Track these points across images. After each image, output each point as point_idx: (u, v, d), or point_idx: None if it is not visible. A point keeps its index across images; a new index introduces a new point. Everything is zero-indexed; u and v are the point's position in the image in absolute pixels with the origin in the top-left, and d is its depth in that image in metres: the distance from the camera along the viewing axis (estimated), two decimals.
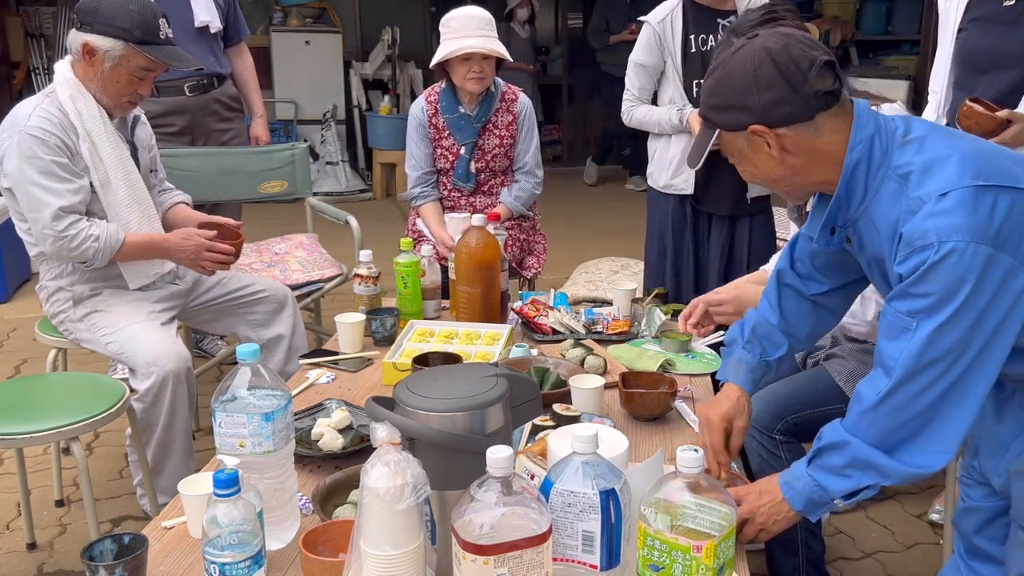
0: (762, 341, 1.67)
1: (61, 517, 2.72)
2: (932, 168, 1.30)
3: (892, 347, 1.31)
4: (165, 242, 2.41)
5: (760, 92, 1.34)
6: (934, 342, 1.27)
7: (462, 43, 2.82)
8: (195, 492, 1.41)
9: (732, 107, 1.37)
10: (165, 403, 2.30)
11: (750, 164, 1.43)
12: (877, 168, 1.35)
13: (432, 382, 1.26)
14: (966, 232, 1.23)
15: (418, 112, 3.03)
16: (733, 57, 1.38)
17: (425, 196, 3.07)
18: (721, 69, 1.39)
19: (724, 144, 1.43)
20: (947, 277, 1.24)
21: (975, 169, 1.27)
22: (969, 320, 1.25)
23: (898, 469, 1.33)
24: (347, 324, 2.23)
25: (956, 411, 1.30)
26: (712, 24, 2.74)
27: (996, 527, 1.60)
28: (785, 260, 1.69)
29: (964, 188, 1.25)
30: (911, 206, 1.29)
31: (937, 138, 1.35)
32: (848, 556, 2.53)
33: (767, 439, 1.91)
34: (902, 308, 1.30)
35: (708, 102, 1.42)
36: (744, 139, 1.38)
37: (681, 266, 2.90)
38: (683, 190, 2.82)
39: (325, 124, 7.52)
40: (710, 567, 1.16)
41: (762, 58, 1.34)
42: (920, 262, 1.25)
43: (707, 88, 1.42)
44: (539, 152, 3.16)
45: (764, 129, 1.35)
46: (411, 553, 1.11)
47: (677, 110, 2.74)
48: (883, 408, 1.32)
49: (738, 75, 1.36)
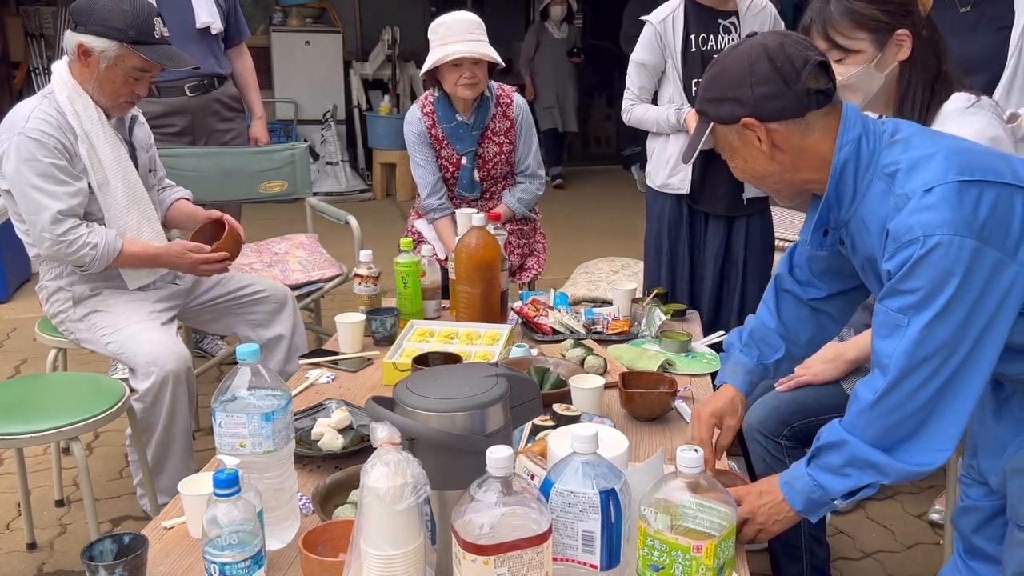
0: (759, 344, 1.67)
1: (61, 517, 2.72)
2: (918, 165, 1.31)
3: (886, 345, 1.32)
4: (159, 258, 2.41)
5: (754, 86, 1.36)
6: (926, 338, 1.27)
7: (451, 48, 2.77)
8: (195, 492, 1.41)
9: (726, 99, 1.39)
10: (165, 403, 2.30)
11: (741, 159, 1.45)
12: (866, 168, 1.36)
13: (432, 382, 1.26)
14: (951, 226, 1.24)
15: (415, 122, 2.98)
16: (731, 53, 1.42)
17: (443, 209, 3.02)
18: (719, 64, 1.43)
19: (717, 139, 1.46)
20: (933, 271, 1.24)
21: (960, 165, 1.28)
22: (960, 314, 1.26)
23: (897, 467, 1.34)
24: (347, 324, 2.23)
25: (952, 408, 1.31)
26: (713, 24, 2.74)
27: (994, 526, 1.60)
28: (784, 266, 1.69)
29: (948, 184, 1.26)
30: (897, 203, 1.30)
31: (923, 137, 1.36)
32: (848, 556, 2.53)
33: (772, 444, 1.91)
34: (893, 305, 1.30)
35: (704, 95, 1.44)
36: (736, 133, 1.41)
37: (676, 266, 2.90)
38: (679, 189, 2.82)
39: (325, 124, 7.52)
40: (710, 567, 1.17)
41: (758, 54, 1.37)
42: (907, 257, 1.26)
43: (705, 82, 1.45)
44: (539, 152, 3.15)
45: (755, 122, 1.37)
46: (411, 553, 1.11)
47: (675, 109, 2.74)
48: (880, 407, 1.33)
49: (734, 69, 1.39)
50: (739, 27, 2.75)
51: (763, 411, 1.92)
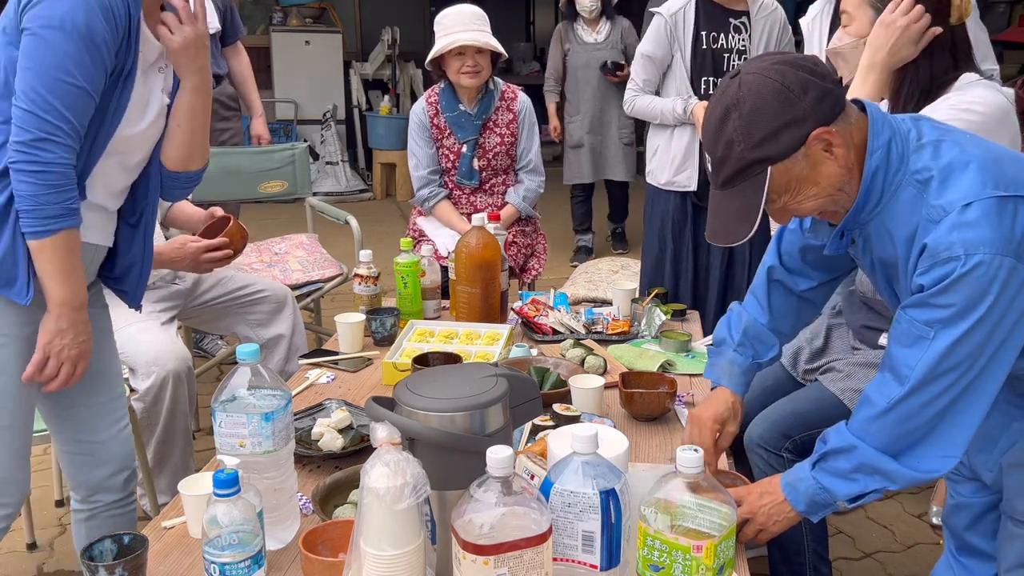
0: (754, 343, 1.67)
1: (61, 517, 2.72)
2: (951, 176, 1.28)
3: (907, 354, 1.30)
4: (158, 256, 2.39)
5: (801, 98, 1.27)
6: (951, 352, 1.26)
7: (454, 37, 2.83)
8: (195, 492, 1.41)
9: (782, 128, 1.27)
10: (165, 403, 2.30)
11: (812, 185, 1.31)
12: (894, 173, 1.33)
13: (432, 382, 1.26)
14: (992, 245, 1.22)
15: (419, 112, 3.04)
16: (742, 91, 1.28)
17: (435, 196, 3.06)
18: (740, 106, 1.28)
19: (776, 185, 1.30)
20: (971, 290, 1.23)
21: (995, 178, 1.26)
22: (986, 330, 1.25)
23: (905, 474, 1.33)
24: (347, 324, 2.23)
25: (964, 416, 1.31)
26: (724, 23, 2.74)
27: (987, 522, 1.60)
28: (774, 256, 1.69)
29: (988, 199, 1.24)
30: (931, 215, 1.28)
31: (951, 143, 1.33)
32: (848, 556, 2.53)
33: (774, 458, 1.90)
34: (920, 317, 1.28)
35: (750, 140, 1.28)
36: (802, 158, 1.29)
37: (680, 264, 2.90)
38: (686, 187, 2.82)
39: (325, 124, 7.52)
40: (710, 567, 1.16)
41: (778, 71, 1.28)
42: (945, 273, 1.24)
43: (741, 129, 1.28)
44: (540, 150, 3.16)
45: (825, 130, 1.27)
46: (411, 553, 1.11)
47: (683, 100, 2.73)
48: (893, 414, 1.32)
49: (767, 96, 1.27)
50: (749, 27, 2.76)
51: (763, 425, 1.91)
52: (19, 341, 1.55)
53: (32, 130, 1.41)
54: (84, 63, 1.43)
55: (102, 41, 1.44)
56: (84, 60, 1.43)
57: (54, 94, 1.41)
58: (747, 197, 1.30)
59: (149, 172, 1.68)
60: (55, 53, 1.41)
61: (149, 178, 1.69)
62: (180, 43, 1.58)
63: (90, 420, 1.75)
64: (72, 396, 1.72)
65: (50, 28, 1.40)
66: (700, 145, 2.77)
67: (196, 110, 1.66)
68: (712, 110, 1.33)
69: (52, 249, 1.47)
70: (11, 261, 1.48)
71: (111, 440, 1.78)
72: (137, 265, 1.74)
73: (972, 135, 1.38)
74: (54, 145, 1.43)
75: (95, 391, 1.74)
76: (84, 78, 1.44)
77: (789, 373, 2.09)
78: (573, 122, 5.28)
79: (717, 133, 1.31)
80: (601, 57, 5.09)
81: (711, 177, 1.37)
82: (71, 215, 1.48)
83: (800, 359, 2.07)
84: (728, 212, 1.34)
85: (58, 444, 1.79)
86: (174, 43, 1.58)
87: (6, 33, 1.46)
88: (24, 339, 1.55)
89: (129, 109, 1.55)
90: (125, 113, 1.54)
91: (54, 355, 1.54)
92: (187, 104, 1.65)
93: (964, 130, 1.41)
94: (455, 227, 3.02)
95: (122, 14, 1.47)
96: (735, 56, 2.75)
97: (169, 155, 1.68)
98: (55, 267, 1.49)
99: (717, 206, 1.36)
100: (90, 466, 1.78)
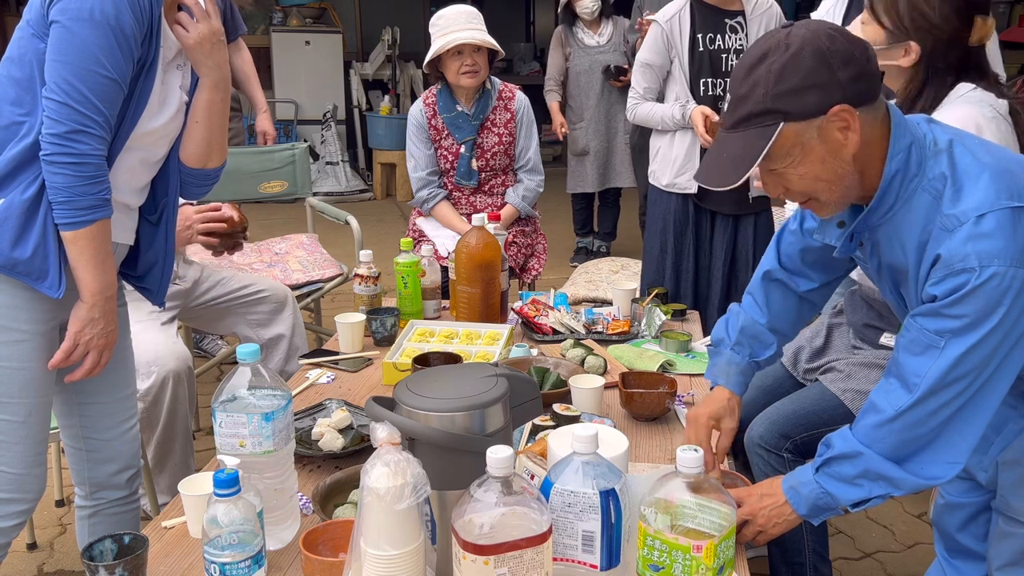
0: (751, 342, 1.67)
1: (61, 517, 2.72)
2: (965, 185, 1.28)
3: (917, 363, 1.30)
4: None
5: (841, 69, 1.22)
6: (961, 362, 1.26)
7: (451, 37, 2.84)
8: (195, 492, 1.41)
9: (810, 87, 1.23)
10: (165, 403, 2.30)
11: (815, 162, 1.28)
12: (912, 178, 1.32)
13: (432, 382, 1.26)
14: (1007, 257, 1.22)
15: (417, 114, 3.04)
16: (789, 39, 1.25)
17: (434, 197, 3.06)
18: (780, 53, 1.24)
19: (782, 142, 1.27)
20: (984, 301, 1.23)
21: (1009, 188, 1.26)
22: (996, 341, 1.25)
23: (910, 480, 1.34)
24: (347, 324, 2.23)
25: (970, 423, 1.31)
26: (720, 24, 2.74)
27: (979, 523, 1.60)
28: (773, 259, 1.69)
29: (1002, 210, 1.24)
30: (945, 223, 1.27)
31: (963, 150, 1.32)
32: (848, 556, 2.53)
33: (775, 458, 1.90)
34: (931, 326, 1.28)
35: (776, 88, 1.24)
36: (814, 129, 1.25)
37: (681, 265, 2.90)
38: (687, 189, 2.82)
39: (325, 124, 7.52)
40: (710, 567, 1.16)
41: (829, 36, 1.23)
42: (959, 284, 1.24)
43: (772, 74, 1.24)
44: (539, 149, 3.16)
45: (850, 108, 1.24)
46: (411, 553, 1.11)
47: (680, 105, 2.74)
48: (900, 422, 1.32)
49: (808, 53, 1.22)
50: (746, 27, 2.76)
51: (764, 425, 1.91)
52: (39, 337, 1.55)
53: (67, 122, 1.41)
54: (114, 54, 1.43)
55: (131, 32, 1.45)
56: (114, 51, 1.43)
57: (87, 85, 1.41)
58: (749, 144, 1.27)
59: (169, 169, 1.69)
60: (86, 44, 1.41)
61: (169, 175, 1.69)
62: (195, 40, 1.59)
63: (101, 417, 1.76)
64: (87, 391, 1.72)
65: (80, 20, 1.41)
66: (700, 149, 2.78)
67: (214, 107, 1.66)
68: (751, 50, 1.30)
69: (87, 239, 1.48)
70: (42, 255, 1.48)
71: (119, 438, 1.78)
72: (159, 263, 1.74)
73: (982, 140, 1.37)
74: (89, 136, 1.43)
75: (110, 387, 1.75)
76: (115, 69, 1.44)
77: (789, 373, 2.09)
78: (577, 129, 5.13)
79: (748, 71, 1.27)
80: (604, 60, 4.96)
81: (724, 116, 1.34)
82: (104, 206, 1.49)
83: (800, 359, 2.07)
84: (726, 155, 1.31)
85: (66, 440, 1.79)
86: (189, 40, 1.58)
87: (31, 25, 1.46)
88: (44, 335, 1.56)
89: (150, 102, 1.55)
90: (146, 105, 1.54)
91: (83, 343, 1.55)
92: (205, 101, 1.65)
93: (973, 134, 1.41)
94: (455, 228, 3.02)
95: (146, 6, 1.47)
96: (733, 56, 2.75)
97: (188, 152, 1.69)
98: (89, 257, 1.49)
99: (717, 147, 1.33)
100: (96, 463, 1.78)
